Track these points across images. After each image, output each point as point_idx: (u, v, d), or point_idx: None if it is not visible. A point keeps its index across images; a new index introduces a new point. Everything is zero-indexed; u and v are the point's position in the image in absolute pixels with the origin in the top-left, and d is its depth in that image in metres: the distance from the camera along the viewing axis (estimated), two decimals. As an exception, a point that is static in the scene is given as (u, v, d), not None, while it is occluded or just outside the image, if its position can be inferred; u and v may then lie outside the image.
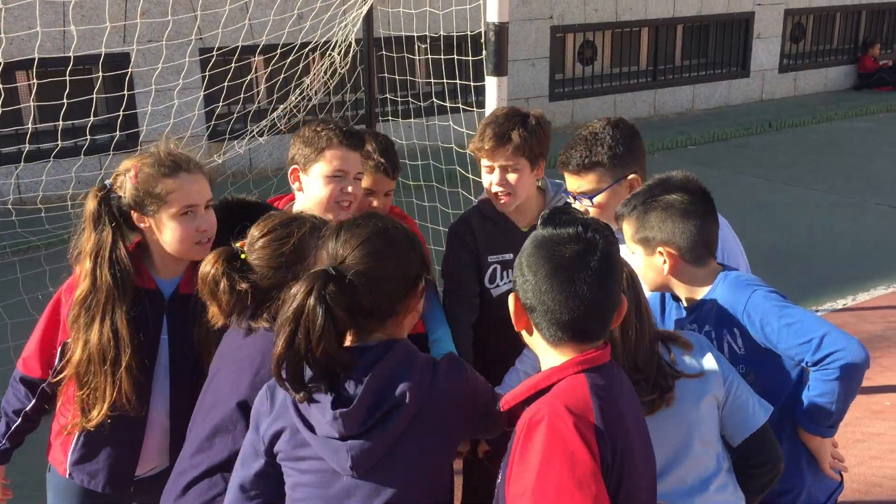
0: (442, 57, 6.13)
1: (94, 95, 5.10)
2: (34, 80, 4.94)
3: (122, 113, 5.61)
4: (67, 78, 4.98)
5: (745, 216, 8.16)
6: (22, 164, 5.87)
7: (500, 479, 1.91)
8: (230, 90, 6.11)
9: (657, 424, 2.08)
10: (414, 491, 1.97)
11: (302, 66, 5.89)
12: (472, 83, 5.39)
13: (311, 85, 5.97)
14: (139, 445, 2.65)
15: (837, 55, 15.84)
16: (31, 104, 5.36)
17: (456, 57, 5.85)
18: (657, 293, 2.65)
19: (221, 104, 5.97)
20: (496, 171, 3.01)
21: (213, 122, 7.27)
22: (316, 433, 1.94)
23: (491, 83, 3.77)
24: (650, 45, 13.56)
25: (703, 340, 2.37)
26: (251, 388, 2.19)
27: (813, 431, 2.42)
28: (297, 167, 3.01)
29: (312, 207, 2.94)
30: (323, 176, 2.94)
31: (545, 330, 1.87)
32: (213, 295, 2.28)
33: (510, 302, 1.94)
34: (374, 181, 3.22)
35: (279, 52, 5.88)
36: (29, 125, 6.51)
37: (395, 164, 3.30)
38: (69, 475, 2.67)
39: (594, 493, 1.70)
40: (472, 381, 2.06)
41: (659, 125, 12.68)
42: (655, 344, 2.25)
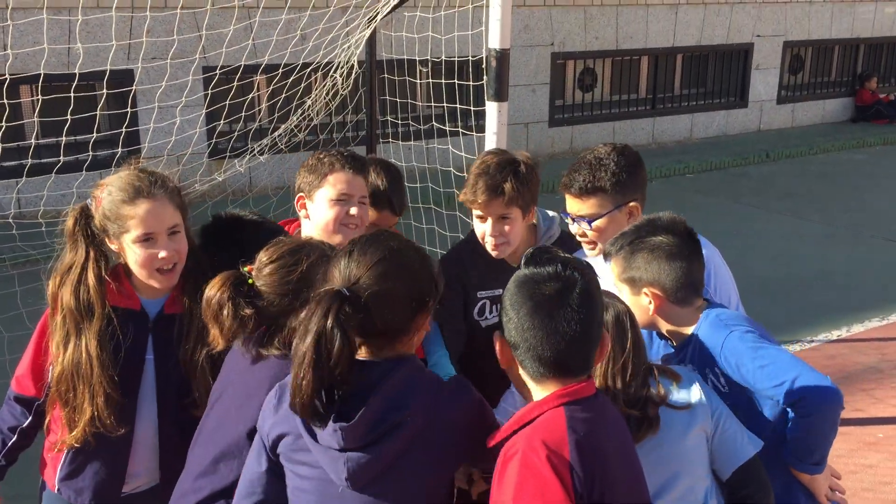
0: (443, 81, 6.19)
1: (97, 112, 5.12)
2: (38, 95, 4.95)
3: (124, 129, 5.61)
4: (72, 95, 5.01)
5: (741, 245, 8.20)
6: (24, 178, 5.87)
7: None
8: (232, 108, 6.13)
9: (643, 454, 2.10)
10: (409, 509, 1.97)
11: (304, 86, 5.93)
12: (472, 107, 5.42)
13: (312, 105, 6.01)
14: (124, 463, 2.64)
15: (835, 87, 15.95)
16: (34, 119, 5.38)
17: (457, 81, 5.89)
18: (644, 331, 2.68)
19: (223, 122, 5.98)
20: (489, 221, 2.99)
21: (214, 139, 7.30)
22: (318, 441, 1.94)
23: (491, 108, 3.79)
24: (650, 73, 13.65)
25: (691, 373, 2.39)
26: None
27: (800, 469, 2.43)
28: (302, 195, 3.03)
29: (319, 233, 2.94)
30: (327, 200, 2.96)
31: (529, 366, 1.90)
32: (216, 318, 2.26)
33: (495, 340, 1.97)
34: (379, 217, 3.24)
35: (281, 71, 5.92)
36: (32, 140, 6.53)
37: (402, 200, 3.30)
38: (58, 491, 2.67)
39: None
40: (478, 404, 2.06)
41: (657, 153, 12.74)
42: (647, 377, 2.28)
